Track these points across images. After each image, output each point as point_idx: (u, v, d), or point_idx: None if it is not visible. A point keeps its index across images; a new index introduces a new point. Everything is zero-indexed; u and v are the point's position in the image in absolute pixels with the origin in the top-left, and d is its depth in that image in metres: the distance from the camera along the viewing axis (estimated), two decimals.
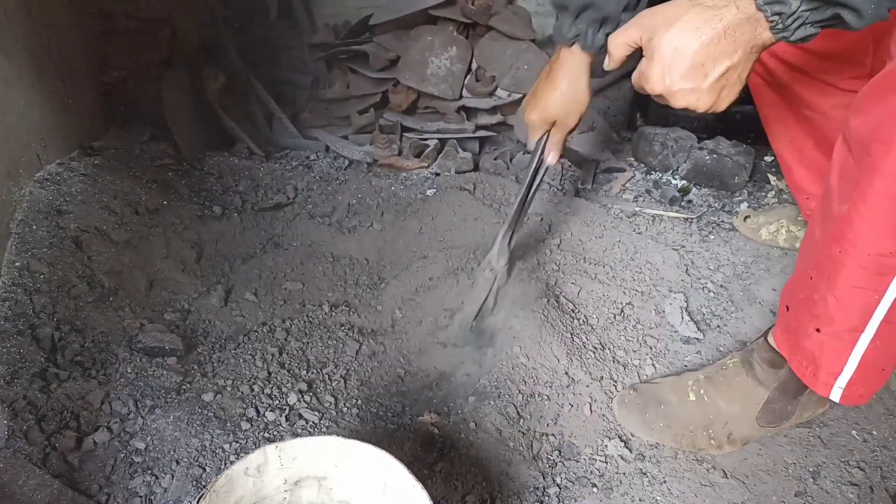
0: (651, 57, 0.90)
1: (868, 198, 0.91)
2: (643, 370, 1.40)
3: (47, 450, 1.08)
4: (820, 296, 1.02)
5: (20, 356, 1.18)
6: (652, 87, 0.91)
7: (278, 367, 1.33)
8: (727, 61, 0.86)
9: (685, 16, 0.86)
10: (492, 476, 1.17)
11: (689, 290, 1.61)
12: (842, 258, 0.96)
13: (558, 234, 1.78)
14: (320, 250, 1.72)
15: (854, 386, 1.06)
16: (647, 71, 0.91)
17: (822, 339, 1.04)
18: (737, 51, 0.85)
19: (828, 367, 1.06)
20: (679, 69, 0.87)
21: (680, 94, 0.90)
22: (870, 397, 1.10)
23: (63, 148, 1.65)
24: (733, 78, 0.89)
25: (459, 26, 2.22)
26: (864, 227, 0.92)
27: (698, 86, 0.88)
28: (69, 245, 1.41)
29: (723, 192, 2.00)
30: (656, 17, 0.90)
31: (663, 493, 1.17)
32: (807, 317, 1.06)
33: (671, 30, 0.87)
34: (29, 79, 1.53)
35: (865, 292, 0.96)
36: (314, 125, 2.31)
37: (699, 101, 0.90)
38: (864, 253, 0.94)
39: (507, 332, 1.40)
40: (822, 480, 1.19)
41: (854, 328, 1.00)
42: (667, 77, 0.89)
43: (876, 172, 0.89)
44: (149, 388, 1.22)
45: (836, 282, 0.99)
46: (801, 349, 1.09)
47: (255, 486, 0.94)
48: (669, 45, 0.87)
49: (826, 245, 0.99)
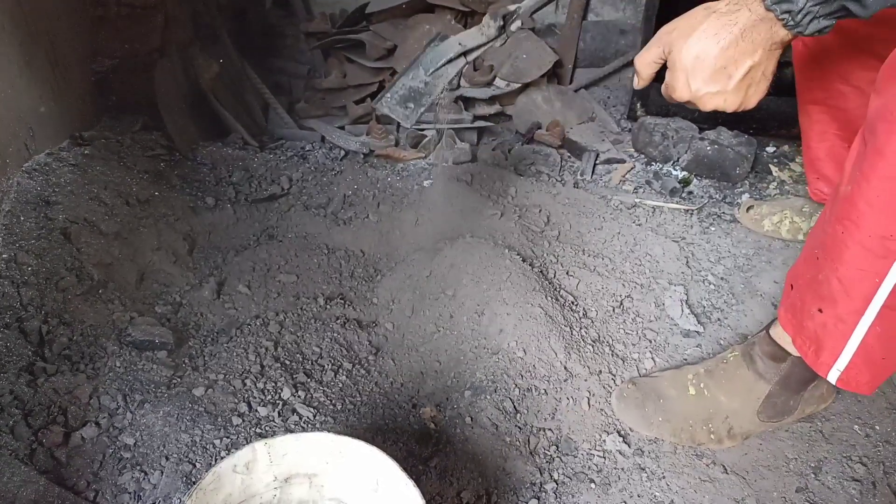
0: (674, 68, 0.95)
1: (871, 179, 0.91)
2: (642, 364, 1.38)
3: (34, 445, 1.06)
4: (824, 276, 1.02)
5: (7, 349, 1.16)
6: (680, 95, 0.95)
7: (272, 361, 1.31)
8: (749, 61, 0.90)
9: (701, 25, 0.90)
10: (488, 472, 1.15)
11: (690, 283, 1.59)
12: (844, 238, 0.97)
13: (557, 225, 1.76)
14: (315, 242, 1.70)
15: (852, 370, 1.05)
16: (673, 81, 0.95)
17: (825, 319, 1.04)
18: (756, 50, 0.89)
19: (829, 349, 1.05)
20: (703, 75, 0.91)
21: (707, 98, 0.94)
22: (872, 388, 1.09)
23: (52, 137, 1.63)
24: (758, 76, 0.92)
25: (457, 14, 2.19)
26: (866, 207, 0.93)
27: (724, 88, 0.92)
28: (58, 236, 1.38)
29: (724, 183, 1.98)
30: (674, 30, 0.95)
31: (662, 488, 1.15)
32: (811, 297, 1.06)
33: (690, 39, 0.91)
34: (18, 67, 1.50)
35: (867, 275, 0.96)
36: (310, 115, 2.28)
37: (727, 101, 0.94)
38: (866, 234, 0.94)
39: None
40: (823, 476, 1.18)
41: (856, 311, 0.99)
42: (692, 83, 0.93)
43: (879, 154, 0.89)
44: (138, 383, 1.20)
45: (839, 262, 0.99)
46: (805, 329, 1.09)
47: (243, 484, 0.92)
48: (690, 53, 0.91)
49: (831, 225, 1.00)
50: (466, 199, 1.78)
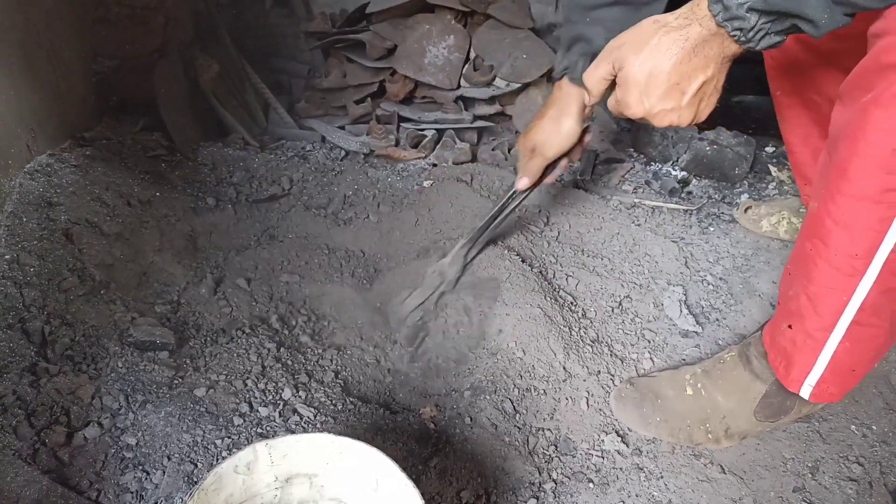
0: (626, 84, 0.92)
1: (836, 198, 0.90)
2: (641, 364, 1.39)
3: (37, 445, 1.07)
4: (794, 292, 1.02)
5: (9, 350, 1.17)
6: (633, 112, 0.94)
7: (273, 362, 1.31)
8: (701, 76, 0.88)
9: (651, 40, 0.88)
10: (487, 472, 1.16)
11: (688, 283, 1.60)
12: (813, 256, 0.96)
13: (556, 225, 1.76)
14: (316, 242, 1.70)
15: (824, 384, 1.06)
16: (625, 98, 0.93)
17: (795, 335, 1.05)
18: (709, 65, 0.88)
19: (799, 365, 1.06)
20: (656, 91, 0.89)
21: (661, 115, 0.92)
22: (841, 396, 1.11)
23: (54, 138, 1.63)
24: (710, 90, 0.91)
25: (457, 14, 2.19)
26: (833, 226, 0.92)
27: (678, 104, 0.90)
28: (60, 237, 1.39)
29: (723, 183, 1.98)
30: (623, 45, 0.92)
31: (660, 488, 1.16)
32: (782, 312, 1.07)
33: (640, 55, 0.89)
34: (19, 68, 1.50)
35: (835, 292, 0.96)
36: (310, 115, 2.28)
37: (681, 117, 0.92)
38: (833, 252, 0.93)
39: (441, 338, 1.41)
40: (820, 476, 1.18)
41: (825, 327, 1.00)
42: (645, 101, 0.91)
43: (842, 173, 0.88)
44: (140, 383, 1.21)
45: (808, 280, 0.99)
46: (776, 344, 1.10)
47: (244, 484, 0.93)
48: (642, 70, 0.89)
49: (801, 241, 1.00)
50: (466, 200, 1.78)
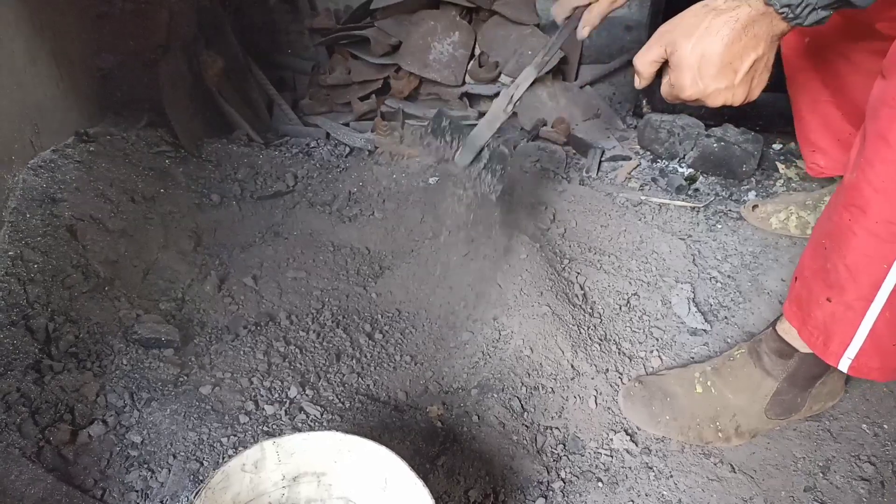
0: (679, 68, 0.95)
1: (875, 165, 0.92)
2: (649, 362, 1.38)
3: (41, 443, 1.06)
4: (832, 264, 1.02)
5: (13, 347, 1.16)
6: (688, 94, 0.96)
7: (279, 359, 1.30)
8: (753, 55, 0.91)
9: (702, 23, 0.91)
10: (495, 470, 1.15)
11: (696, 281, 1.59)
12: (851, 225, 0.97)
13: (563, 223, 1.75)
14: (321, 239, 1.69)
15: (864, 357, 1.05)
16: (679, 81, 0.95)
17: (834, 308, 1.04)
18: (759, 44, 0.90)
19: (839, 337, 1.05)
20: (710, 72, 0.92)
21: (715, 94, 0.94)
22: (883, 374, 1.08)
23: (57, 134, 1.62)
24: (761, 67, 0.94)
25: (462, 11, 2.18)
26: (872, 193, 0.93)
27: (731, 83, 0.93)
28: (63, 234, 1.38)
29: (730, 180, 1.97)
30: (675, 30, 0.95)
31: (670, 487, 1.15)
32: (819, 286, 1.06)
33: (693, 38, 0.92)
34: (22, 63, 1.49)
35: (875, 261, 0.96)
36: (315, 112, 2.27)
37: (735, 96, 0.95)
38: (873, 220, 0.94)
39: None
40: (831, 475, 1.17)
41: (864, 297, 1.00)
42: (700, 82, 0.93)
43: (882, 139, 0.90)
44: (145, 381, 1.20)
45: (847, 250, 0.99)
46: (813, 319, 1.08)
47: (252, 483, 0.92)
48: (695, 52, 0.92)
49: (837, 213, 1.00)
50: None
